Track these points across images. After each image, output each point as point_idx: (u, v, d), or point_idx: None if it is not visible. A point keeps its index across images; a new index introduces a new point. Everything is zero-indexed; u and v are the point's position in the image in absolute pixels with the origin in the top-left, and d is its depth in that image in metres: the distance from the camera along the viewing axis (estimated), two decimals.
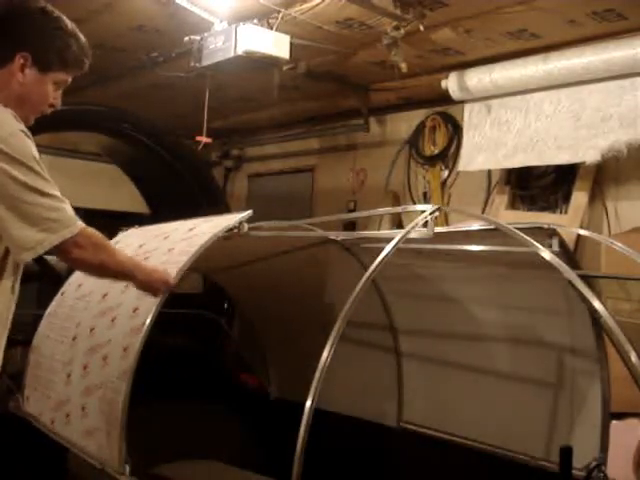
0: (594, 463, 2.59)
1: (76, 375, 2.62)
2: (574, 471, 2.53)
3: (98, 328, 2.63)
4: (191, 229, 2.83)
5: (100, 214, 6.92)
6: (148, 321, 2.35)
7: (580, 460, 2.57)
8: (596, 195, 4.87)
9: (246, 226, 2.70)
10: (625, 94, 4.35)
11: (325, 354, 1.69)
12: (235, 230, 2.68)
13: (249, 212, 2.75)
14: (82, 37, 1.96)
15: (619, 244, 2.47)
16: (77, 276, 3.11)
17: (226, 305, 5.50)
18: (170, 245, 2.75)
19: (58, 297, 3.13)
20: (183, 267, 2.45)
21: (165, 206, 6.63)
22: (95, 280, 2.84)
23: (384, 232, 4.47)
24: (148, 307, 2.40)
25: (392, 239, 2.03)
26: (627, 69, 4.24)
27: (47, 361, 2.87)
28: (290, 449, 1.65)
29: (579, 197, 4.85)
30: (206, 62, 4.28)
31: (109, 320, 2.58)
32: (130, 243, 3.09)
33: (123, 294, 2.59)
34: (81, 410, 2.51)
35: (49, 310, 3.11)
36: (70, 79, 1.97)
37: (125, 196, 7.16)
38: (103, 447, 2.35)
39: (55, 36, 1.89)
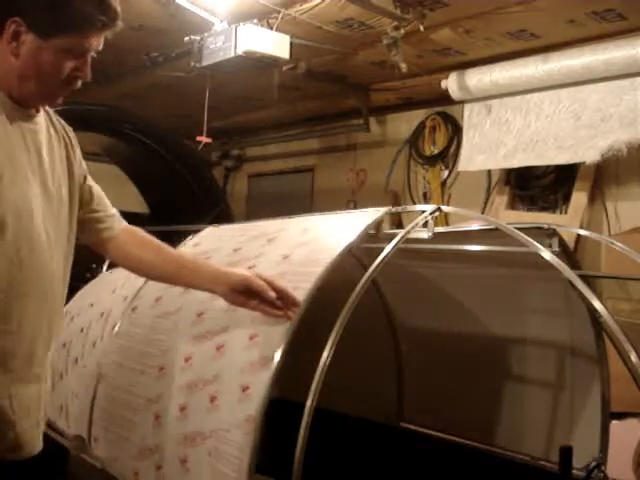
0: (594, 463, 2.60)
1: (170, 417, 1.99)
2: (574, 471, 2.53)
3: (197, 358, 2.01)
4: (306, 230, 2.29)
5: None
6: (278, 355, 1.76)
7: (580, 460, 2.57)
8: (596, 195, 4.87)
9: (385, 226, 2.28)
10: (625, 94, 4.35)
11: (325, 354, 1.69)
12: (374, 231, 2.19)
13: (387, 209, 2.26)
14: None
15: (619, 244, 2.47)
16: (152, 287, 2.39)
17: None
18: (283, 251, 2.14)
19: (127, 312, 2.44)
20: (318, 281, 1.88)
21: (165, 206, 6.64)
22: (180, 294, 2.21)
23: (384, 232, 4.46)
24: (271, 335, 1.83)
25: (392, 239, 2.03)
26: (627, 69, 4.24)
27: (122, 395, 2.24)
28: (290, 449, 1.65)
29: (579, 197, 4.85)
30: (206, 62, 4.28)
31: (212, 349, 1.97)
32: (218, 247, 2.48)
33: (227, 314, 1.98)
34: (180, 464, 1.90)
35: (116, 329, 2.44)
36: (96, 43, 1.60)
37: (125, 196, 7.16)
38: None
39: None
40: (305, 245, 2.12)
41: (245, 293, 1.81)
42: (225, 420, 1.79)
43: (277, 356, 1.76)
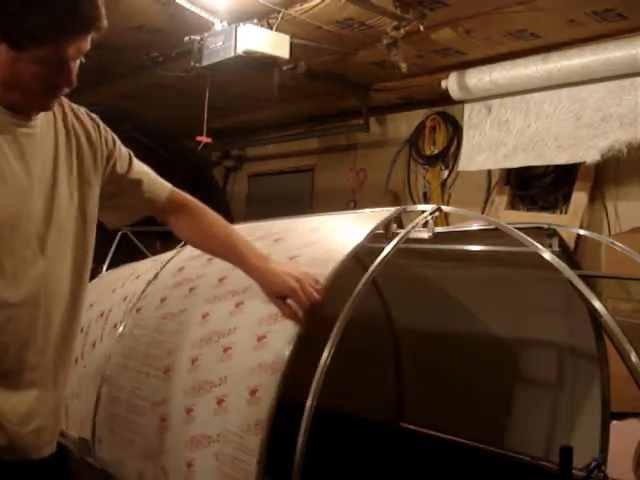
0: (594, 463, 2.60)
1: (176, 420, 1.96)
2: (574, 471, 2.53)
3: (204, 360, 1.98)
4: (313, 230, 2.29)
5: None
6: (287, 355, 1.74)
7: (580, 460, 2.57)
8: (596, 195, 4.87)
9: (395, 226, 2.26)
10: (625, 94, 4.35)
11: (325, 354, 1.69)
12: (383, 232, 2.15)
13: (399, 208, 2.27)
14: None
15: (619, 244, 2.47)
16: (156, 289, 2.44)
17: None
18: (290, 251, 2.12)
19: (131, 314, 2.43)
20: (328, 281, 1.86)
21: None
22: (185, 295, 2.23)
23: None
24: (280, 336, 1.80)
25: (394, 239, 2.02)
26: (627, 69, 4.25)
27: (127, 397, 2.20)
28: (290, 449, 1.65)
29: (579, 197, 4.85)
30: (206, 62, 4.28)
31: (219, 350, 1.94)
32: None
33: (234, 315, 1.97)
34: (186, 467, 1.87)
35: (120, 330, 2.42)
36: (75, 49, 1.52)
37: None
38: None
39: (8, 5, 1.45)
40: (313, 245, 2.11)
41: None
42: (232, 423, 1.77)
43: (287, 355, 1.74)
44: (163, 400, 2.03)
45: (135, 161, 1.90)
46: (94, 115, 1.79)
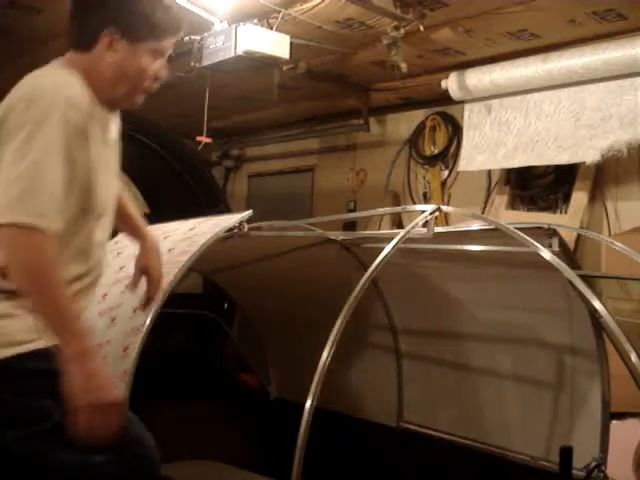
0: (594, 463, 2.60)
1: None
2: (574, 471, 2.54)
3: (98, 328, 2.64)
4: (191, 229, 2.84)
5: None
6: (148, 321, 2.37)
7: (580, 460, 2.57)
8: (596, 195, 4.86)
9: (246, 226, 2.72)
10: (625, 94, 4.35)
11: (325, 354, 1.69)
12: (235, 230, 2.70)
13: (249, 212, 2.76)
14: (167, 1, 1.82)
15: (619, 244, 2.47)
16: None
17: (226, 305, 5.51)
18: (170, 245, 2.75)
19: None
20: (183, 267, 2.46)
21: (165, 206, 6.63)
22: None
23: (384, 232, 4.47)
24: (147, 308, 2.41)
25: (392, 239, 2.03)
26: (627, 69, 4.24)
27: None
28: (290, 449, 1.65)
29: (579, 197, 4.85)
30: (206, 62, 4.28)
31: (109, 320, 2.60)
32: (129, 244, 3.09)
33: (123, 294, 2.60)
34: None
35: None
36: (170, 48, 1.87)
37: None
38: None
39: (138, 2, 1.76)
40: (186, 240, 2.71)
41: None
42: (111, 373, 2.22)
43: (147, 322, 2.34)
44: None
45: None
46: None
